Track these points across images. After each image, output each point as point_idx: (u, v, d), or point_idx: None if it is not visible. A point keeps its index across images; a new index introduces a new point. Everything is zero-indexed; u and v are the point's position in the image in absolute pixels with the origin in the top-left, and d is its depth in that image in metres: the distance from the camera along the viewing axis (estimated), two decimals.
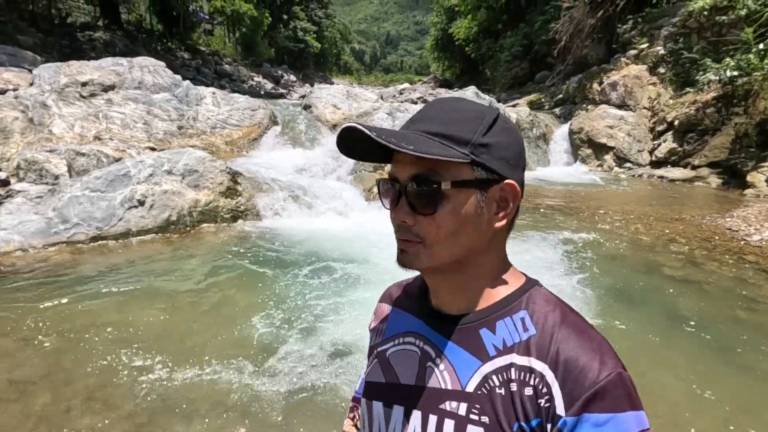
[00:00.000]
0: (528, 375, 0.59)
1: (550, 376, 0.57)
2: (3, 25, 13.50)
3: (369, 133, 0.58)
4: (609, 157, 9.51)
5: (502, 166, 0.64)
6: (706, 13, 9.06)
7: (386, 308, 0.83)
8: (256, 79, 24.92)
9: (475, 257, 0.66)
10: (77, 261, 4.01)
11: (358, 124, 0.58)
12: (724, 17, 8.66)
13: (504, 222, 0.66)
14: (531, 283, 0.69)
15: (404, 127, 0.65)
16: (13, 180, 5.11)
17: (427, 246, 0.63)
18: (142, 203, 4.55)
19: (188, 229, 4.80)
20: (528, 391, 0.58)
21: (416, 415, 0.66)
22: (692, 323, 3.19)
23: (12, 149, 5.76)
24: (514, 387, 0.59)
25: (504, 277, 0.69)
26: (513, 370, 0.60)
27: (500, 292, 0.67)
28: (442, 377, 0.65)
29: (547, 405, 0.56)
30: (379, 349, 0.77)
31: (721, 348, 2.91)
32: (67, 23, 17.31)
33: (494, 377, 0.61)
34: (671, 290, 3.71)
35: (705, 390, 2.46)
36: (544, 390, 0.57)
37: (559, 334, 0.60)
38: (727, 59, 8.04)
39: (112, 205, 4.41)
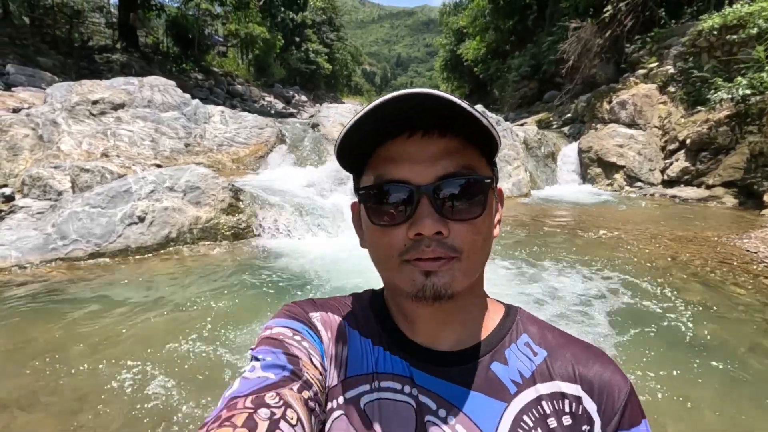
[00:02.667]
0: (560, 402, 0.53)
1: (586, 400, 0.53)
2: (25, 48, 14.01)
3: (463, 104, 0.47)
4: (619, 176, 9.33)
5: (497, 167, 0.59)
6: (716, 32, 8.98)
7: (338, 323, 0.61)
8: (267, 99, 25.40)
9: (482, 271, 0.58)
10: (74, 278, 3.96)
11: (427, 90, 0.47)
12: (734, 36, 8.56)
13: (498, 229, 0.59)
14: (512, 306, 0.63)
15: None
16: (18, 196, 5.15)
17: (464, 260, 0.51)
18: (142, 220, 4.52)
19: (188, 246, 4.74)
20: (566, 420, 0.53)
21: None
22: (709, 350, 2.99)
23: (21, 166, 5.84)
24: (552, 423, 0.52)
25: (487, 299, 0.61)
26: (544, 402, 0.53)
27: (492, 318, 0.59)
28: None
29: (588, 429, 0.53)
30: (349, 396, 0.56)
31: (738, 376, 2.70)
32: (86, 46, 17.92)
33: (526, 417, 0.52)
34: (686, 315, 3.51)
35: (721, 421, 2.26)
36: (584, 415, 0.53)
37: (574, 353, 0.57)
38: (739, 78, 7.92)
39: (112, 221, 4.39)
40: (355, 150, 0.53)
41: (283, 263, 4.59)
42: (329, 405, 0.56)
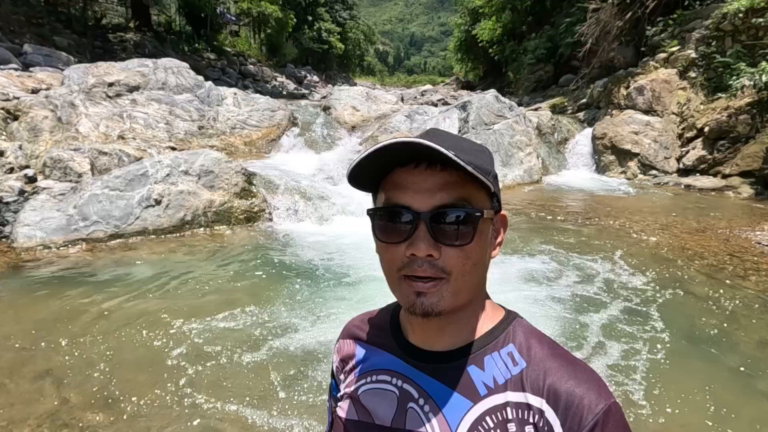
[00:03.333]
0: (526, 412, 0.57)
1: (550, 413, 0.56)
2: (40, 27, 14.10)
3: (447, 153, 0.53)
4: (633, 164, 9.20)
5: (500, 197, 0.65)
6: (741, 15, 8.65)
7: (351, 345, 0.76)
8: (279, 79, 25.29)
9: (478, 290, 0.65)
10: (95, 258, 4.13)
11: (413, 137, 0.55)
12: (761, 19, 8.25)
13: (497, 251, 0.66)
14: (512, 315, 0.68)
15: None
16: (40, 177, 5.32)
17: (452, 281, 0.58)
18: (158, 203, 4.66)
19: (202, 229, 4.88)
20: (528, 429, 0.56)
21: None
22: (714, 345, 3.04)
23: (41, 147, 6.00)
24: (512, 427, 0.57)
25: (486, 309, 0.67)
26: (509, 408, 0.58)
27: (484, 326, 0.65)
28: (427, 420, 0.61)
29: None
30: (350, 389, 0.70)
31: (744, 372, 2.75)
32: (100, 25, 17.96)
33: (488, 418, 0.58)
34: (693, 309, 3.54)
35: (725, 417, 2.33)
36: (546, 428, 0.55)
37: (552, 368, 0.59)
38: (763, 63, 7.66)
39: (130, 204, 4.53)
40: (368, 177, 0.62)
41: (293, 247, 4.70)
42: (336, 401, 0.74)
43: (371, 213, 0.63)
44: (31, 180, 5.18)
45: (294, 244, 4.77)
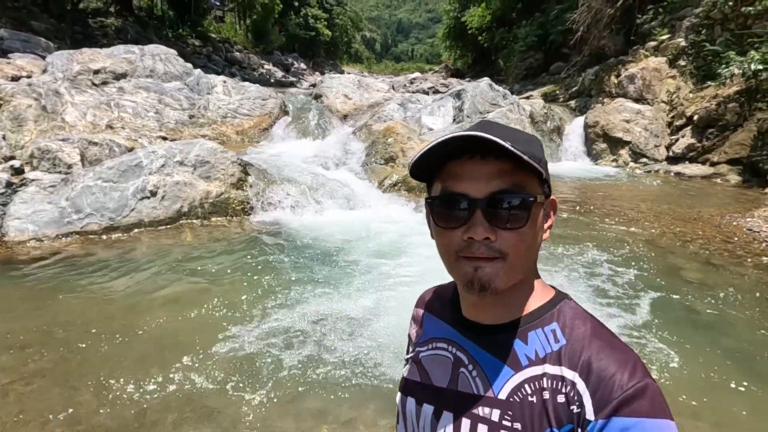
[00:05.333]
0: (560, 383, 0.61)
1: (581, 385, 0.60)
2: (17, 10, 13.53)
3: (503, 143, 0.58)
4: (624, 152, 9.31)
5: (550, 183, 0.69)
6: (731, 3, 8.74)
7: (420, 313, 0.85)
8: (266, 66, 24.81)
9: (529, 270, 0.69)
10: (90, 251, 4.03)
11: (479, 132, 0.59)
12: (750, 8, 8.35)
13: (548, 233, 0.70)
14: (561, 297, 0.71)
15: None
16: (27, 168, 5.15)
17: (508, 260, 0.62)
18: (153, 194, 4.55)
19: (199, 220, 4.80)
20: (560, 398, 0.61)
21: (447, 416, 0.69)
22: (709, 329, 3.12)
23: (26, 137, 5.79)
24: (546, 395, 0.61)
25: (535, 289, 0.71)
26: (545, 379, 0.63)
27: (532, 304, 0.69)
28: (474, 384, 0.68)
29: (578, 411, 0.59)
30: (415, 353, 0.79)
31: (738, 355, 2.83)
32: (79, 9, 17.29)
33: (527, 386, 0.63)
34: (687, 294, 3.62)
35: (720, 399, 2.40)
36: (576, 397, 0.59)
37: (589, 346, 0.62)
38: (752, 52, 7.77)
39: (124, 195, 4.42)
40: (427, 167, 0.68)
41: (292, 237, 4.66)
42: (408, 361, 0.81)
43: (429, 201, 0.68)
44: (18, 171, 5.00)
45: (291, 234, 4.73)
